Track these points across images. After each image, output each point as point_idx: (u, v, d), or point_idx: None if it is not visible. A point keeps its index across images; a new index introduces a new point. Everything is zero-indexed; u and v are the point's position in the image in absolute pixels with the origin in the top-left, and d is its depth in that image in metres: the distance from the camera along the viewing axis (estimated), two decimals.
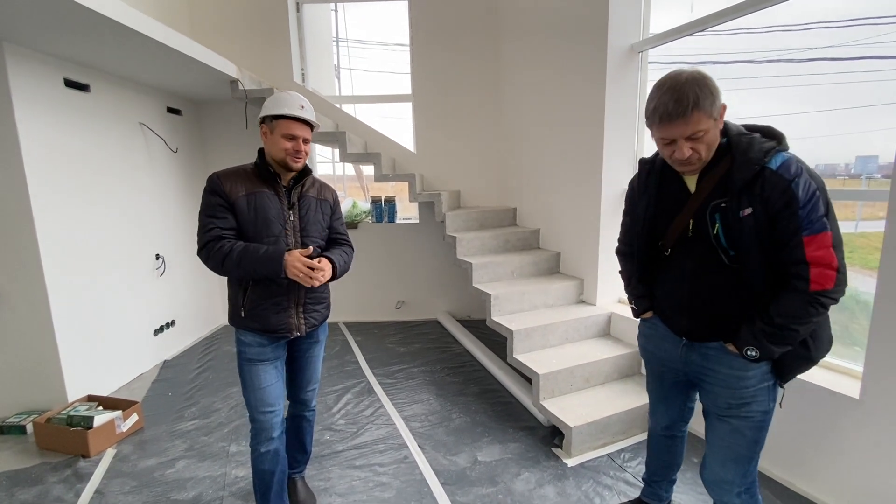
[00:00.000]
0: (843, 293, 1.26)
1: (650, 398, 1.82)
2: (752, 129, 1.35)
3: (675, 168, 1.40)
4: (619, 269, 1.81)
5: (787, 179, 1.22)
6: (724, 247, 1.35)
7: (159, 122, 3.80)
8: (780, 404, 1.47)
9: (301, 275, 1.59)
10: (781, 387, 1.44)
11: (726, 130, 1.34)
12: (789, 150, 1.29)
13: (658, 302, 1.62)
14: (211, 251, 1.62)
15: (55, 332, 2.76)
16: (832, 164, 2.52)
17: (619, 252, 1.79)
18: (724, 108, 1.28)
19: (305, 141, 1.70)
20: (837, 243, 1.24)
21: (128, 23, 2.36)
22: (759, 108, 2.61)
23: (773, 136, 1.30)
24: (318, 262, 1.66)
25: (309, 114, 1.69)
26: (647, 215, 1.54)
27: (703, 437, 2.46)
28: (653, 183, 1.53)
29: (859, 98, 2.23)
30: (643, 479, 1.97)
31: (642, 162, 1.61)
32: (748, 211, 1.27)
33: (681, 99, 1.21)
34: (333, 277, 1.75)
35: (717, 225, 1.34)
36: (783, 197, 1.23)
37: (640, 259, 1.62)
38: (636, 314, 1.72)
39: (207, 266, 1.66)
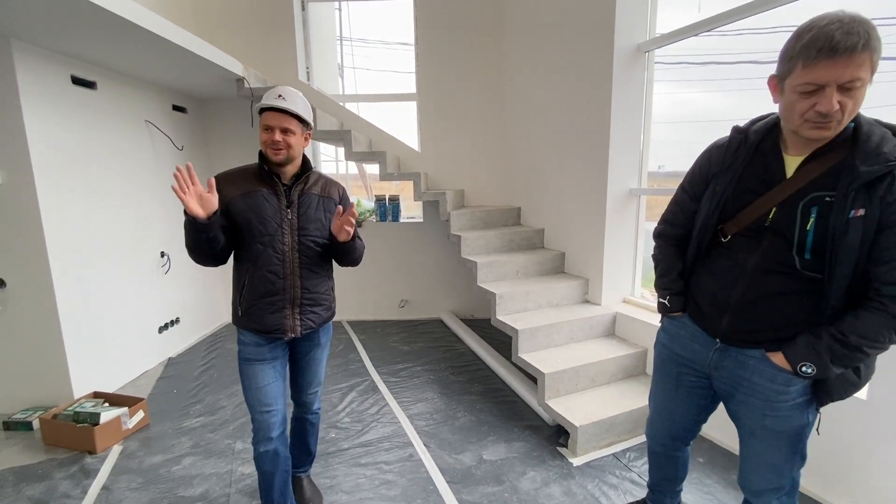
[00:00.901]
0: None
1: (652, 407, 1.68)
2: (885, 125, 1.16)
3: (804, 132, 1.13)
4: (654, 253, 1.57)
5: None
6: (806, 247, 1.16)
7: (165, 119, 3.81)
8: (818, 430, 1.34)
9: (184, 198, 1.48)
10: (817, 410, 1.30)
11: (856, 116, 1.13)
12: None
13: (694, 295, 1.44)
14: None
15: (61, 329, 2.77)
16: None
17: (661, 235, 1.56)
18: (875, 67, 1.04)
19: (285, 132, 1.63)
20: None
21: (136, 20, 2.36)
22: (765, 110, 2.60)
23: None
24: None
25: (287, 103, 1.62)
26: (724, 194, 1.31)
27: (708, 438, 2.48)
28: (741, 158, 1.29)
29: (867, 99, 2.22)
30: (648, 486, 1.91)
31: (735, 130, 1.35)
32: (861, 212, 1.08)
33: (851, 32, 0.99)
34: (354, 250, 1.78)
35: (811, 220, 1.14)
36: None
37: (699, 244, 1.40)
38: (665, 311, 1.51)
39: (194, 260, 1.65)
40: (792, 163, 1.21)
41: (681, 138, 1.52)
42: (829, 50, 1.01)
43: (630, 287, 3.26)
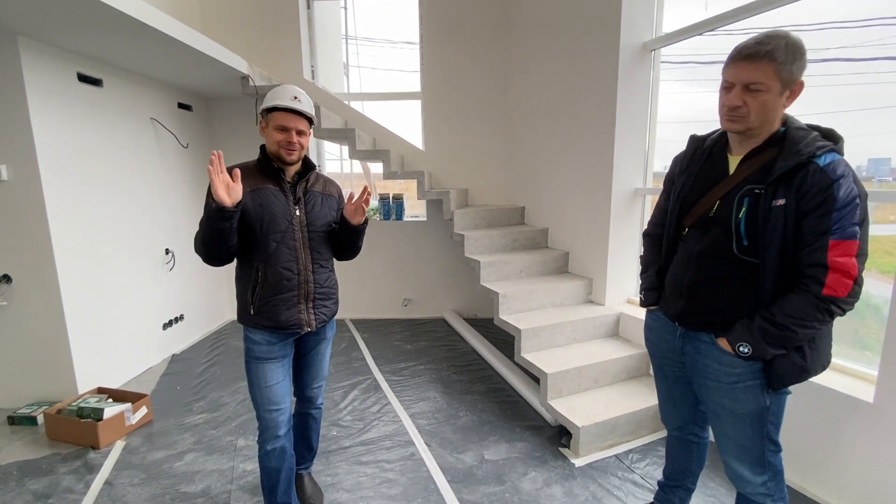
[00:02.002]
0: (852, 306, 1.23)
1: (658, 396, 1.79)
2: (813, 127, 1.30)
3: (722, 124, 1.35)
4: (641, 253, 1.77)
5: (832, 178, 1.19)
6: (742, 234, 1.31)
7: (170, 117, 3.82)
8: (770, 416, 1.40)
9: (216, 181, 1.48)
10: (773, 392, 1.37)
11: (787, 121, 1.31)
12: (843, 156, 1.25)
13: (665, 287, 1.59)
14: (195, 239, 1.64)
15: (66, 325, 2.79)
16: None
17: (645, 234, 1.74)
18: (799, 85, 1.24)
19: (300, 133, 1.67)
20: (862, 254, 1.21)
21: (143, 18, 2.37)
22: None
23: (831, 138, 1.27)
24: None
25: (303, 105, 1.66)
26: (682, 192, 1.50)
27: (710, 440, 2.46)
28: (696, 161, 1.50)
29: (872, 99, 2.21)
30: (658, 483, 1.92)
31: (691, 139, 1.57)
32: (781, 202, 1.24)
33: (762, 42, 1.21)
34: (362, 234, 1.85)
35: (744, 210, 1.30)
36: (821, 195, 1.19)
37: (668, 238, 1.57)
38: (641, 304, 1.72)
39: (202, 258, 1.65)
40: (733, 162, 1.39)
41: (688, 138, 1.53)
42: (737, 53, 1.26)
43: (634, 287, 3.24)
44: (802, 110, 2.37)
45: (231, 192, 1.52)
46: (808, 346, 1.30)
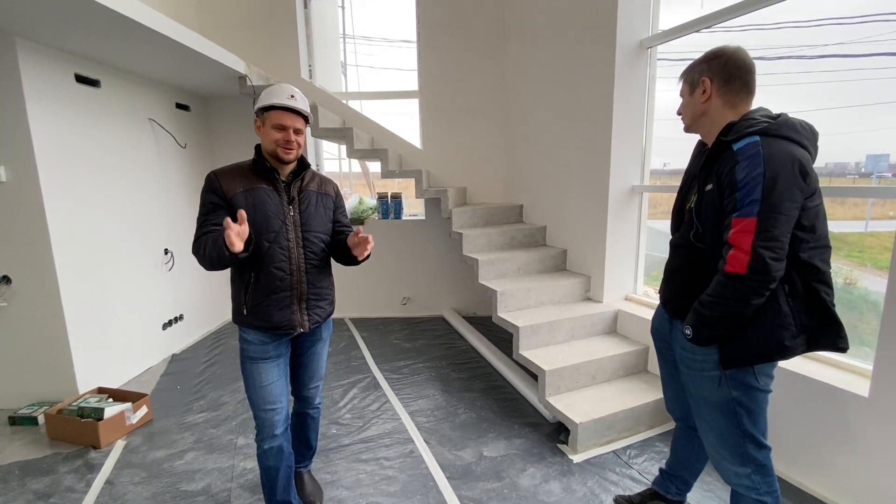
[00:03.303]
0: (762, 284, 1.22)
1: (661, 384, 1.84)
2: (774, 116, 1.34)
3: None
4: None
5: (737, 160, 1.26)
6: (695, 222, 1.42)
7: (168, 117, 3.83)
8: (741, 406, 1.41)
9: (232, 235, 1.45)
10: (731, 379, 1.38)
11: (747, 113, 1.37)
12: (781, 138, 1.26)
13: None
14: (198, 248, 1.61)
15: (66, 325, 2.80)
16: (842, 163, 2.49)
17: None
18: (703, 82, 1.41)
19: (297, 132, 1.66)
20: (764, 230, 1.20)
21: (139, 18, 2.37)
22: (770, 106, 2.58)
23: (770, 121, 1.30)
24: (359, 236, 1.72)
25: (299, 103, 1.65)
26: (682, 189, 1.60)
27: None
28: (693, 159, 1.61)
29: (871, 95, 2.21)
30: (659, 469, 1.97)
31: (697, 143, 1.65)
32: (710, 186, 1.35)
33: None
34: (358, 263, 1.82)
35: (694, 198, 1.43)
36: (729, 176, 1.28)
37: (671, 230, 1.67)
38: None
39: (200, 263, 1.62)
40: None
41: (686, 135, 1.54)
42: None
43: (632, 285, 3.25)
44: (801, 106, 2.39)
45: (243, 236, 1.49)
46: (751, 326, 1.31)
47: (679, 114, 1.54)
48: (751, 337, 1.32)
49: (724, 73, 1.37)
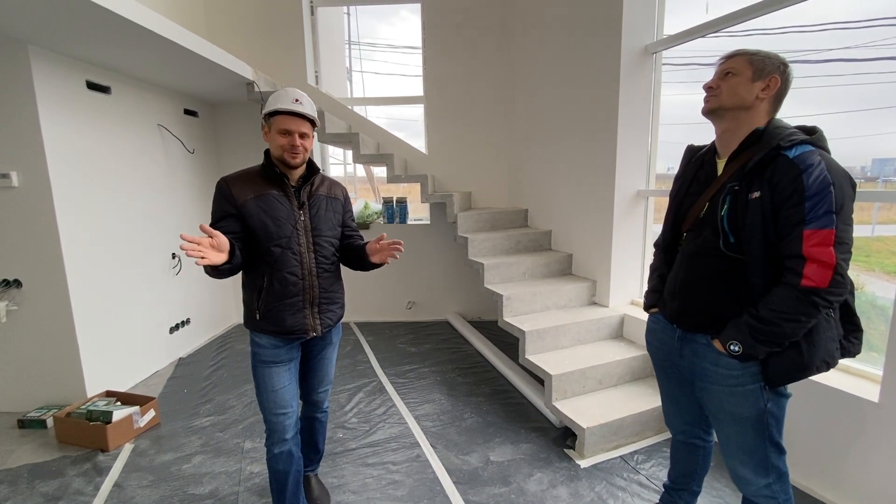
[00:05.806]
0: (839, 297, 1.21)
1: (661, 400, 1.78)
2: (799, 127, 1.33)
3: (702, 111, 1.45)
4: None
5: (800, 168, 1.20)
6: (727, 231, 1.34)
7: (176, 123, 3.87)
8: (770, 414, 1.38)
9: (204, 251, 1.40)
10: (770, 390, 1.36)
11: (771, 122, 1.34)
12: (823, 151, 1.26)
13: (664, 290, 1.61)
14: None
15: (75, 329, 2.82)
16: (849, 167, 2.49)
17: (655, 245, 1.76)
18: (774, 80, 1.32)
19: (303, 136, 1.66)
20: (842, 243, 1.19)
21: (150, 26, 2.41)
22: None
23: (809, 133, 1.29)
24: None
25: (304, 107, 1.65)
26: (676, 198, 1.56)
27: (716, 440, 2.45)
28: (691, 169, 1.55)
29: (876, 100, 2.21)
30: (663, 486, 1.91)
31: (687, 149, 1.63)
32: (756, 195, 1.26)
33: (744, 47, 1.38)
34: (373, 268, 1.84)
35: (726, 207, 1.34)
36: (791, 185, 1.20)
37: (664, 241, 1.61)
38: (644, 308, 1.72)
39: (213, 278, 1.62)
40: (721, 165, 1.43)
41: (691, 140, 1.54)
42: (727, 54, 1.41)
43: (638, 289, 3.24)
44: (808, 111, 2.39)
45: (221, 248, 1.47)
46: (805, 341, 1.27)
47: (712, 87, 1.39)
48: (805, 351, 1.27)
49: (786, 85, 1.35)
